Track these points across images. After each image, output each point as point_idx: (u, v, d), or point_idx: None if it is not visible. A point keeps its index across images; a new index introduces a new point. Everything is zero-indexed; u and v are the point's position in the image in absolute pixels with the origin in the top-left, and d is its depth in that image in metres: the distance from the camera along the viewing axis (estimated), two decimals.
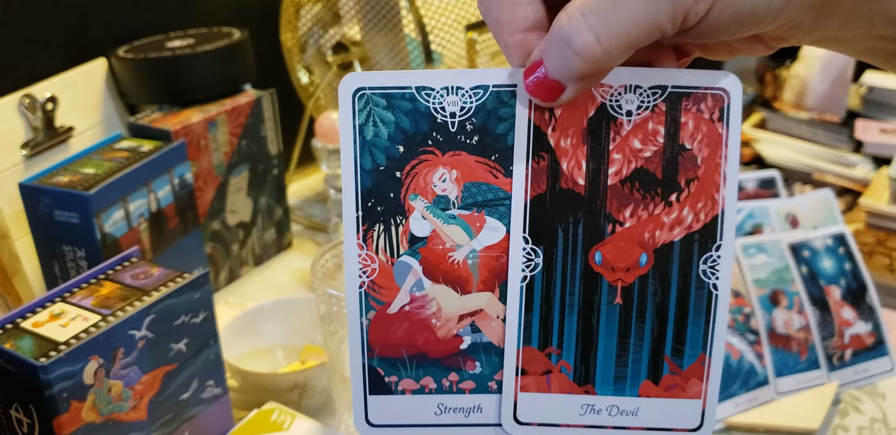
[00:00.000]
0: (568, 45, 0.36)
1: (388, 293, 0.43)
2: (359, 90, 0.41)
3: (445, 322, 0.43)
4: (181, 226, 0.97)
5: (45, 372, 0.59)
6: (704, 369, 0.42)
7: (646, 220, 0.41)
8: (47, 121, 0.97)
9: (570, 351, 0.42)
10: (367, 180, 0.42)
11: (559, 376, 0.43)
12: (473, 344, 0.43)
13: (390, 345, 0.43)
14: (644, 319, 0.42)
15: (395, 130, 0.41)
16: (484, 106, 0.41)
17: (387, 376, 0.43)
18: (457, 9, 1.16)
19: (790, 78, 1.43)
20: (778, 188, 1.03)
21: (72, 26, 1.05)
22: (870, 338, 0.91)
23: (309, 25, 1.23)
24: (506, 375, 0.43)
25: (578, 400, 0.43)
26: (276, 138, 1.12)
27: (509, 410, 0.43)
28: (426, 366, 0.43)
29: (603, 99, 0.40)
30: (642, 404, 0.43)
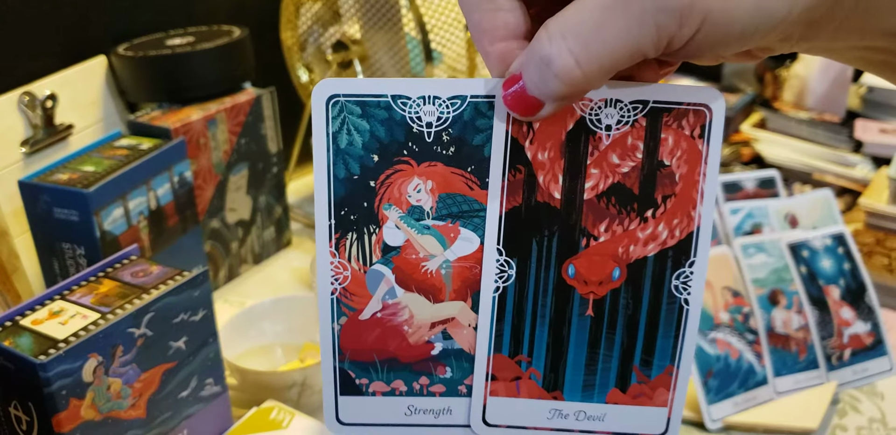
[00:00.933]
0: (548, 66, 0.35)
1: (360, 300, 0.43)
2: (332, 97, 0.40)
3: (417, 329, 0.43)
4: (180, 224, 0.97)
5: (45, 370, 0.59)
6: (672, 379, 0.43)
7: (620, 235, 0.41)
8: (47, 118, 0.97)
9: (539, 359, 0.43)
10: (340, 189, 0.41)
11: (528, 383, 0.43)
12: (444, 350, 0.43)
13: (362, 350, 0.43)
14: (614, 330, 0.42)
15: (369, 139, 0.40)
16: (461, 117, 0.40)
17: (357, 379, 0.44)
18: (457, 7, 1.16)
19: (790, 78, 1.43)
20: (777, 188, 1.03)
21: (72, 24, 1.05)
22: (869, 338, 0.91)
23: (309, 24, 1.23)
24: (476, 380, 0.43)
25: (546, 405, 0.43)
26: (276, 137, 1.12)
27: (478, 412, 0.43)
28: (397, 370, 0.43)
29: (582, 112, 0.40)
30: (609, 410, 0.43)
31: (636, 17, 0.34)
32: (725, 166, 1.32)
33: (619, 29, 0.34)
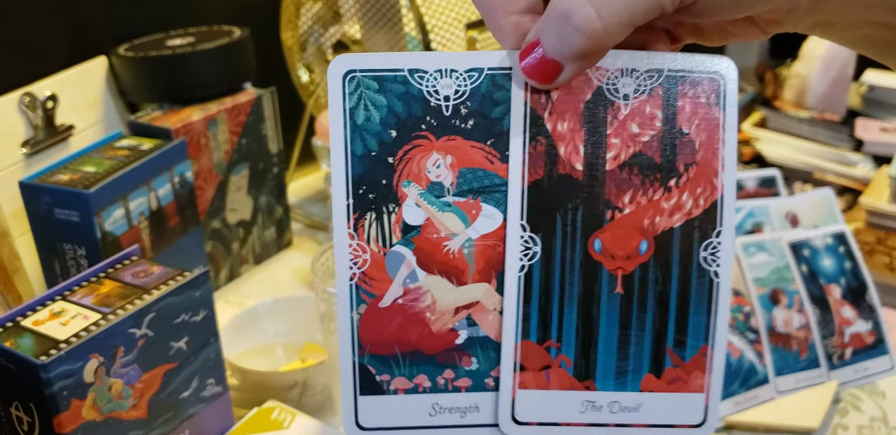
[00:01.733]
0: (567, 21, 0.36)
1: (379, 286, 0.41)
2: (349, 73, 0.40)
3: (440, 316, 0.41)
4: (181, 224, 0.97)
5: (46, 370, 0.60)
6: (707, 361, 0.41)
7: (645, 205, 0.40)
8: (47, 119, 0.97)
9: (569, 344, 0.41)
10: (358, 166, 0.40)
11: (559, 371, 0.41)
12: (469, 338, 0.41)
13: (382, 341, 0.41)
14: (645, 308, 0.41)
15: (387, 114, 0.40)
16: (479, 89, 0.40)
17: (378, 375, 0.41)
18: (457, 7, 1.16)
19: (790, 77, 1.43)
20: (778, 187, 1.03)
21: (72, 25, 1.05)
22: (870, 337, 0.91)
23: (309, 24, 1.23)
24: (503, 371, 0.41)
25: (579, 396, 0.41)
26: (277, 137, 1.12)
27: (507, 409, 0.41)
28: (420, 363, 0.41)
29: (599, 82, 0.40)
30: (644, 400, 0.41)
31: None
32: None
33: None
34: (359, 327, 0.41)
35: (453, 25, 1.15)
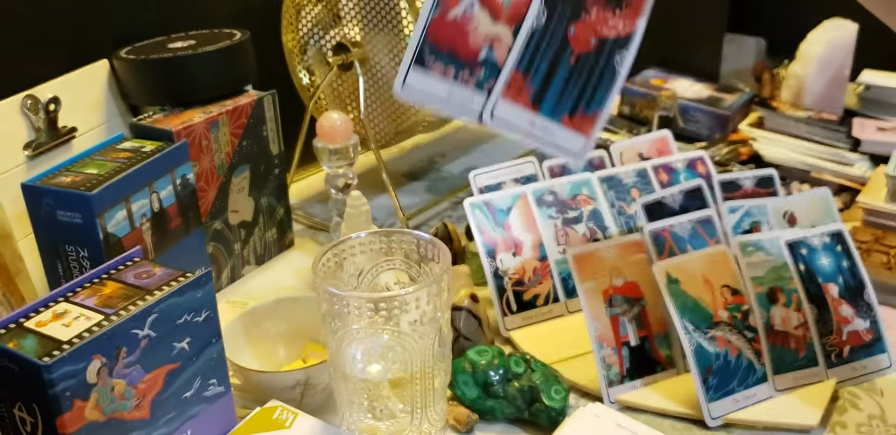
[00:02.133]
0: None
1: (452, 3, 0.62)
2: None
3: (477, 37, 0.62)
4: (183, 225, 0.98)
5: (49, 371, 0.60)
6: (595, 118, 0.64)
7: (601, 17, 0.62)
8: (50, 122, 0.98)
9: (536, 80, 0.63)
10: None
11: (524, 94, 0.63)
12: (486, 58, 0.62)
13: (439, 38, 0.61)
14: (580, 76, 0.64)
15: None
16: None
17: (428, 55, 0.62)
18: None
19: (787, 77, 1.44)
20: (775, 187, 1.03)
21: (74, 28, 1.05)
22: (868, 335, 0.91)
23: (309, 26, 1.23)
24: (497, 83, 0.63)
25: (528, 114, 0.64)
26: (277, 138, 1.12)
27: (490, 106, 0.63)
28: (452, 60, 0.62)
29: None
30: (556, 129, 0.64)
31: None
32: (724, 166, 1.32)
33: None
34: (429, 24, 0.62)
35: None
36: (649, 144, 1.13)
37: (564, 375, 0.89)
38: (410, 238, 0.79)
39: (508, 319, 0.99)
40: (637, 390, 0.88)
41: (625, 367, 0.88)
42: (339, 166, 1.11)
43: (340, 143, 1.09)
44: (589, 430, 0.82)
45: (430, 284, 0.71)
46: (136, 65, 1.03)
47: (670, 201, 0.98)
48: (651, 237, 0.91)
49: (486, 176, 1.07)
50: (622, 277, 0.90)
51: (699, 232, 0.92)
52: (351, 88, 1.25)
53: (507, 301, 0.99)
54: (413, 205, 1.31)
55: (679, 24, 1.62)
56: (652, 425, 0.84)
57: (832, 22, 1.41)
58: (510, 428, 0.86)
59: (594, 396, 0.89)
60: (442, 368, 0.77)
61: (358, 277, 0.81)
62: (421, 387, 0.75)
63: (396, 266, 0.81)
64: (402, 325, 0.72)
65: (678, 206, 0.98)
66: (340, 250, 0.78)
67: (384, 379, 0.75)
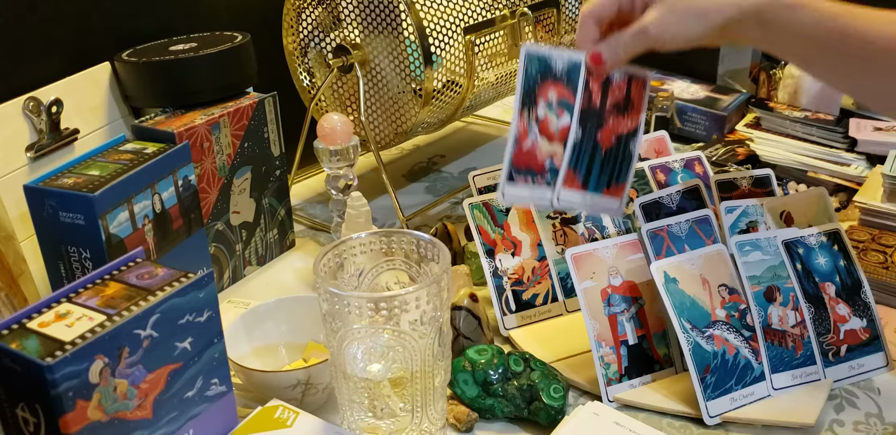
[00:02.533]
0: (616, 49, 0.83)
1: (523, 138, 0.85)
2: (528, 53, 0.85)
3: (542, 155, 0.85)
4: (185, 226, 0.98)
5: (51, 371, 0.60)
6: (623, 188, 0.86)
7: (616, 122, 0.86)
8: (52, 124, 0.98)
9: (582, 171, 0.85)
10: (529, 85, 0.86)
11: (576, 181, 0.85)
12: (550, 167, 0.85)
13: (519, 162, 0.85)
14: (609, 162, 0.86)
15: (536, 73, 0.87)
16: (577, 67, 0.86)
17: (514, 173, 0.85)
18: (455, 12, 1.17)
19: (784, 77, 1.44)
20: (772, 186, 1.03)
21: (76, 31, 1.06)
22: (864, 334, 0.92)
23: (310, 29, 1.24)
24: (558, 181, 0.85)
25: (581, 194, 0.86)
26: (278, 140, 1.13)
27: (556, 194, 0.85)
28: (529, 172, 0.85)
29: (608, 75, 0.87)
30: (599, 199, 0.86)
31: None
32: (721, 166, 1.33)
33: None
34: (513, 154, 0.85)
35: (452, 30, 1.16)
36: (647, 145, 1.14)
37: (563, 373, 0.89)
38: (410, 238, 0.79)
39: (507, 318, 0.99)
40: (635, 389, 0.89)
41: (623, 365, 0.88)
42: (339, 167, 1.11)
43: (341, 144, 1.09)
44: (588, 428, 0.82)
45: (429, 283, 0.71)
46: (138, 67, 1.04)
47: (667, 201, 0.99)
48: (649, 237, 0.91)
49: (485, 177, 1.07)
50: (620, 277, 0.90)
51: (696, 231, 0.93)
52: (351, 90, 1.25)
53: (507, 301, 0.99)
54: (413, 205, 1.31)
55: None
56: (650, 424, 0.84)
57: None
58: (510, 426, 0.87)
59: (593, 395, 0.89)
60: (442, 367, 0.77)
61: (358, 277, 0.81)
62: (421, 386, 0.76)
63: (396, 266, 0.82)
64: (402, 324, 0.72)
65: (675, 206, 0.99)
66: (341, 251, 0.79)
67: (384, 378, 0.76)
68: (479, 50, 1.21)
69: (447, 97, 1.20)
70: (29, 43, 1.01)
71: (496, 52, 1.25)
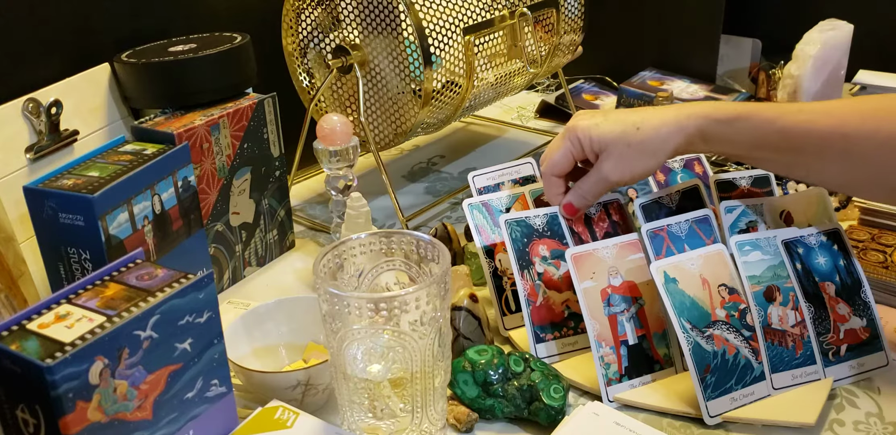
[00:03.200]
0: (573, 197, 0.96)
1: (535, 297, 0.94)
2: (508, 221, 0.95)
3: (556, 306, 0.94)
4: (185, 227, 0.98)
5: (51, 373, 0.60)
6: None
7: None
8: (52, 125, 0.99)
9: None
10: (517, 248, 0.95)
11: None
12: (570, 314, 0.94)
13: (538, 319, 0.93)
14: None
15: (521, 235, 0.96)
16: (556, 220, 0.97)
17: (541, 333, 0.93)
18: (455, 12, 1.17)
19: (783, 77, 1.44)
20: (772, 186, 1.03)
21: (75, 32, 1.06)
22: (864, 333, 0.92)
23: (309, 30, 1.24)
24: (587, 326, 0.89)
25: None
26: (278, 141, 1.13)
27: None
28: (551, 326, 0.94)
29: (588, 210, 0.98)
30: None
31: None
32: (720, 166, 1.33)
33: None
34: (530, 315, 0.93)
35: (452, 30, 1.16)
36: None
37: (563, 373, 0.89)
38: (410, 239, 0.79)
39: (507, 318, 0.99)
40: (635, 389, 0.89)
41: (623, 365, 0.89)
42: (339, 168, 1.11)
43: (340, 145, 1.09)
44: (588, 428, 0.82)
45: (429, 284, 0.72)
46: (137, 68, 1.04)
47: (667, 201, 0.99)
48: (648, 237, 0.91)
49: (484, 177, 1.07)
50: (620, 277, 0.90)
51: (696, 231, 0.93)
52: (350, 91, 1.25)
53: (506, 301, 0.99)
54: (412, 206, 1.31)
55: (675, 25, 1.63)
56: (650, 424, 0.84)
57: (827, 22, 1.42)
58: (510, 427, 0.87)
59: (593, 395, 0.89)
60: (442, 368, 0.77)
61: (358, 278, 0.81)
62: (421, 386, 0.76)
63: (396, 267, 0.82)
64: (402, 325, 0.72)
65: (675, 206, 0.99)
66: (341, 251, 0.79)
67: (385, 379, 0.76)
68: (479, 50, 1.21)
69: (447, 98, 1.20)
70: (28, 44, 1.01)
71: (495, 52, 1.25)
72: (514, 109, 1.73)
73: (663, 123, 0.88)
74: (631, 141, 0.89)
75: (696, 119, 0.87)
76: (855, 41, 1.41)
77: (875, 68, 1.49)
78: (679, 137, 0.88)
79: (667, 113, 0.89)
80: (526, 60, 1.29)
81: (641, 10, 1.65)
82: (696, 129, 0.87)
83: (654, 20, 1.65)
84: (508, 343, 0.98)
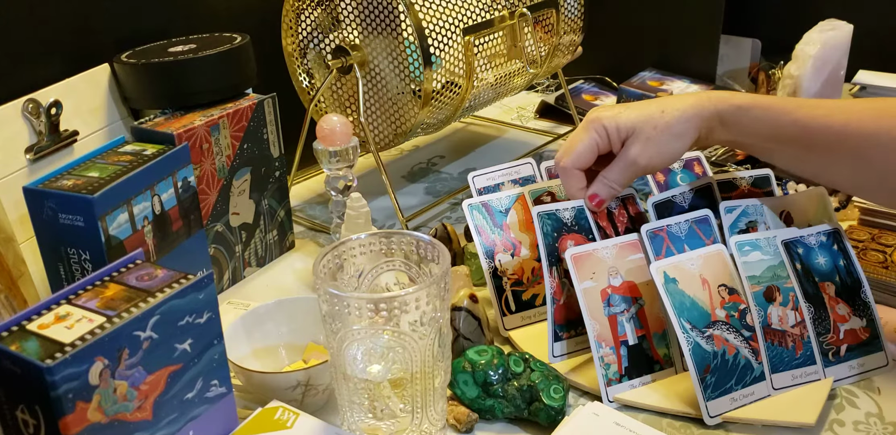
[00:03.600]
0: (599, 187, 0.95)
1: (558, 295, 0.93)
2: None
3: (576, 306, 0.89)
4: (185, 228, 0.98)
5: (51, 373, 0.60)
6: None
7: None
8: (51, 125, 0.99)
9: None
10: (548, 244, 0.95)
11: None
12: None
13: (560, 316, 0.93)
14: None
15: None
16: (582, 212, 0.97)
17: (559, 332, 0.93)
18: (455, 13, 1.17)
19: (783, 77, 1.44)
20: (772, 186, 1.03)
21: (75, 32, 1.06)
22: (864, 333, 0.92)
23: (309, 30, 1.24)
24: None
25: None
26: (278, 141, 1.13)
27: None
28: (568, 325, 0.94)
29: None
30: None
31: None
32: (720, 166, 1.33)
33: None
34: (554, 314, 0.93)
35: (451, 31, 1.16)
36: None
37: (563, 374, 0.89)
38: (410, 239, 0.79)
39: (507, 318, 0.99)
40: (635, 389, 0.89)
41: (623, 366, 0.89)
42: (338, 168, 1.11)
43: (340, 145, 1.09)
44: (588, 428, 0.82)
45: (429, 284, 0.71)
46: (137, 69, 1.04)
47: (680, 200, 0.99)
48: (648, 237, 0.91)
49: (484, 177, 1.07)
50: (620, 277, 0.90)
51: (696, 232, 0.93)
52: (350, 91, 1.25)
53: (506, 301, 0.99)
54: (412, 206, 1.31)
55: (675, 25, 1.63)
56: (650, 424, 0.84)
57: (827, 22, 1.42)
58: (510, 427, 0.87)
59: (593, 395, 0.89)
60: (442, 368, 0.77)
61: (358, 278, 0.81)
62: (421, 387, 0.76)
63: (396, 267, 0.82)
64: (402, 325, 0.72)
65: (688, 205, 0.99)
66: (341, 252, 0.79)
67: (384, 379, 0.76)
68: (479, 51, 1.21)
69: (446, 98, 1.20)
70: (28, 44, 1.01)
71: (495, 52, 1.25)
72: (514, 110, 1.73)
73: (686, 106, 0.90)
74: (657, 123, 0.90)
75: (716, 102, 0.90)
76: (854, 41, 1.41)
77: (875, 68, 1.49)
78: (700, 120, 0.90)
79: (687, 97, 0.92)
80: (526, 61, 1.29)
81: (641, 11, 1.65)
82: (716, 112, 0.90)
83: (654, 20, 1.65)
84: (508, 343, 0.98)
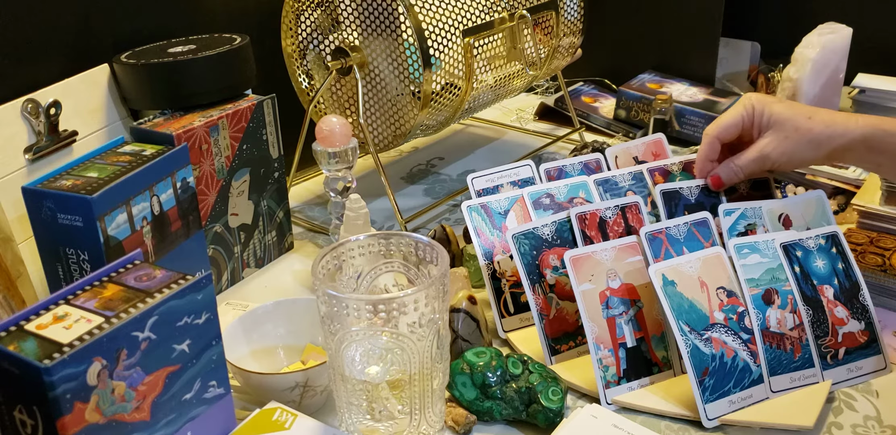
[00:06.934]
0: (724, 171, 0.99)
1: (548, 310, 0.93)
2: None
3: (570, 316, 0.93)
4: (184, 229, 0.98)
5: (49, 374, 0.60)
6: None
7: None
8: (51, 126, 0.98)
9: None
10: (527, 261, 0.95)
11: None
12: (580, 325, 0.90)
13: (551, 331, 0.93)
14: None
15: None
16: None
17: (555, 345, 0.93)
18: (454, 14, 1.17)
19: (782, 80, 1.44)
20: (770, 189, 1.04)
21: (74, 33, 1.06)
22: (863, 336, 0.92)
23: (309, 31, 1.24)
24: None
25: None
26: (277, 142, 1.13)
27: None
28: (565, 337, 0.94)
29: None
30: None
31: None
32: None
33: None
34: (544, 329, 0.93)
35: (451, 32, 1.16)
36: (644, 148, 1.14)
37: (562, 376, 0.89)
38: (409, 241, 0.79)
39: (506, 320, 0.99)
40: (634, 391, 0.89)
41: (622, 368, 0.89)
42: (338, 170, 1.11)
43: (339, 146, 1.09)
44: (586, 431, 0.82)
45: (428, 286, 0.71)
46: (136, 69, 1.04)
47: (687, 193, 1.00)
48: (647, 239, 0.91)
49: (483, 179, 1.08)
50: (619, 279, 0.90)
51: (695, 234, 0.93)
52: (350, 92, 1.25)
53: (505, 303, 0.99)
54: (411, 208, 1.31)
55: (675, 28, 1.63)
56: (649, 426, 0.84)
57: (826, 26, 1.42)
58: (508, 429, 0.87)
59: (591, 398, 0.89)
60: (440, 370, 0.77)
61: (357, 280, 0.81)
62: (419, 388, 0.76)
63: (395, 268, 0.82)
64: (400, 327, 0.72)
65: (694, 200, 1.00)
66: (339, 253, 0.79)
67: (383, 380, 0.76)
68: (478, 52, 1.21)
69: (446, 99, 1.20)
70: (28, 44, 1.01)
71: (495, 54, 1.25)
72: (514, 111, 1.73)
73: (834, 121, 0.92)
74: (800, 126, 0.92)
75: (865, 126, 0.91)
76: (854, 44, 1.41)
77: (874, 71, 1.49)
78: (843, 139, 0.91)
79: (837, 114, 0.93)
80: (525, 63, 1.29)
81: (641, 13, 1.66)
82: (862, 135, 0.90)
83: (654, 23, 1.65)
84: (507, 345, 0.98)
